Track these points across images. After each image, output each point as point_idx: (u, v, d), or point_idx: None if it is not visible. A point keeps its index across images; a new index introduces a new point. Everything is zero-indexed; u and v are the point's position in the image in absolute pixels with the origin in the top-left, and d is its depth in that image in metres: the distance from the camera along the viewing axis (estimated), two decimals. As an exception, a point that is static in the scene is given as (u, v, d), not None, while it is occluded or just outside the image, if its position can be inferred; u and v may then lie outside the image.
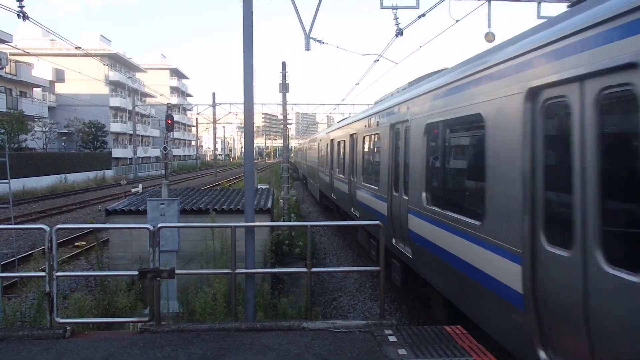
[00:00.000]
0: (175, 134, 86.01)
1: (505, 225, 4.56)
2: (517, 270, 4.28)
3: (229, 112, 59.18)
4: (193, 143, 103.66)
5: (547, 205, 4.07)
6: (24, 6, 13.93)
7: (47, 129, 47.98)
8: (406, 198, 7.93)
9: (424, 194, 7.03)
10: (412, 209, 7.56)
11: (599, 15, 3.46)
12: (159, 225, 5.34)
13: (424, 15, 11.66)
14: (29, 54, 42.25)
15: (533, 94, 4.17)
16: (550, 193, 4.07)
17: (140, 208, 9.72)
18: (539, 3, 12.05)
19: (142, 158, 68.20)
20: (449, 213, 6.01)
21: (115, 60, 65.89)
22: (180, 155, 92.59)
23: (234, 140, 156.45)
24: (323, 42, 14.49)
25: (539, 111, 4.14)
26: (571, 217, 3.64)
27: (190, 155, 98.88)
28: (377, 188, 10.21)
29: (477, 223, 5.16)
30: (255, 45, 6.26)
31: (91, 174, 45.80)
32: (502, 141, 4.65)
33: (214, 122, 56.72)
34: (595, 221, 3.42)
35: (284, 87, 19.44)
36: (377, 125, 10.57)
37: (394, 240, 8.79)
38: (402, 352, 4.44)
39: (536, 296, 4.07)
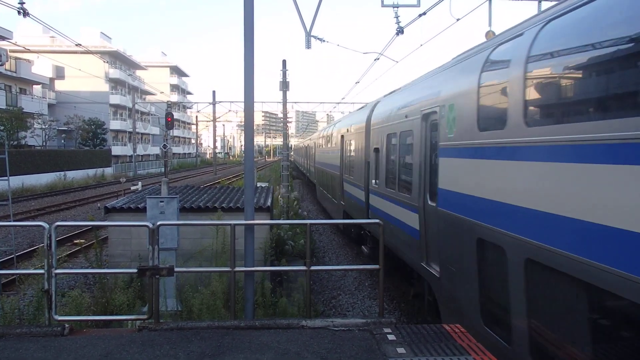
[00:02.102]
0: (175, 132, 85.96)
1: None
2: None
3: (229, 110, 59.23)
4: (193, 141, 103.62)
5: None
6: (24, 2, 13.95)
7: (46, 126, 47.98)
8: None
9: None
10: None
11: None
12: (159, 223, 5.32)
13: (424, 13, 11.66)
14: (29, 51, 42.23)
15: None
16: None
17: (139, 206, 9.72)
18: (540, 2, 12.03)
19: (141, 156, 68.19)
20: None
21: (116, 58, 65.79)
22: (179, 153, 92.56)
23: (233, 138, 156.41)
24: (324, 40, 14.51)
25: None
26: None
27: (189, 153, 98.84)
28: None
29: None
30: (256, 43, 6.24)
31: (90, 172, 45.84)
32: None
33: (214, 120, 56.66)
34: None
35: (284, 85, 19.45)
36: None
37: None
38: (401, 350, 4.42)
39: None
